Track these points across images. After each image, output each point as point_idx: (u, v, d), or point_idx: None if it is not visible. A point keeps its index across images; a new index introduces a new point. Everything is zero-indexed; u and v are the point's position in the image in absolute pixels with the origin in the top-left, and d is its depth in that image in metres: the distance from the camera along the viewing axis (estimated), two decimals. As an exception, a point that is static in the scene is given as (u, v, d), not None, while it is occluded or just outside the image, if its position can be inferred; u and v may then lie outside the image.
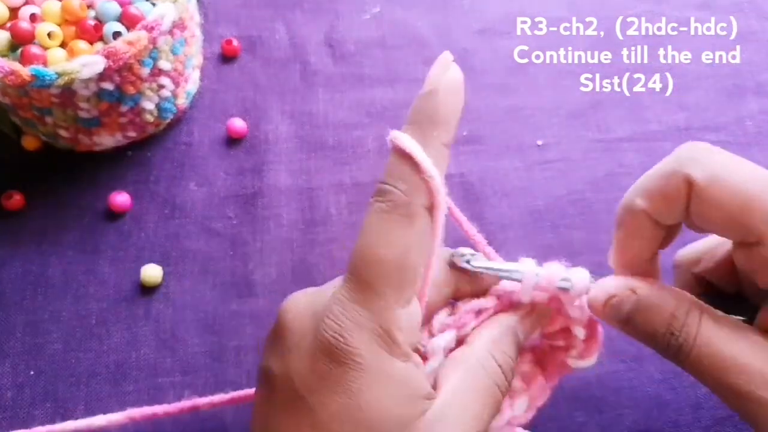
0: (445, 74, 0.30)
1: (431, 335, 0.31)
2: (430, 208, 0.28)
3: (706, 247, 0.34)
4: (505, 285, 0.33)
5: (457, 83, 0.29)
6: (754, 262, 0.27)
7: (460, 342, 0.32)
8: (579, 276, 0.31)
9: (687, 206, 0.28)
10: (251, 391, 0.37)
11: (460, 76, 0.29)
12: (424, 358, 0.30)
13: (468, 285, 0.33)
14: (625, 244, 0.30)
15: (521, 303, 0.33)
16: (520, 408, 0.33)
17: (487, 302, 0.33)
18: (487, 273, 0.33)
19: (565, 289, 0.31)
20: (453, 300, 0.33)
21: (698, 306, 0.28)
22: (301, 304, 0.29)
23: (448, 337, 0.31)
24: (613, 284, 0.29)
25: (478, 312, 0.33)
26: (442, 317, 0.32)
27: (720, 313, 0.28)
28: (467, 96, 0.53)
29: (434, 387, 0.29)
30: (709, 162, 0.27)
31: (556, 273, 0.31)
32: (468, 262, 0.33)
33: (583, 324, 0.33)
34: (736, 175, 0.26)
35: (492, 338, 0.31)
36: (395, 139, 0.28)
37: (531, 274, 0.32)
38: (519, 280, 0.32)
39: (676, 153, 0.28)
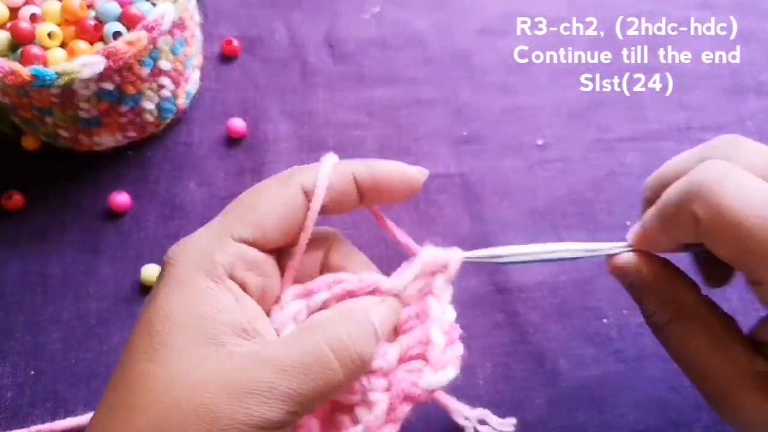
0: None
1: (282, 309, 0.31)
2: (309, 193, 0.31)
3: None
4: (375, 278, 0.33)
5: None
6: (764, 294, 0.28)
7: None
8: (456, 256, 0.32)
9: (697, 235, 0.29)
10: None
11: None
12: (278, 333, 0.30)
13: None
14: (644, 238, 0.33)
15: (384, 292, 0.32)
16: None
17: (347, 278, 0.32)
18: (480, 262, 0.33)
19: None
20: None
21: (689, 304, 0.30)
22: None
23: (295, 307, 0.31)
24: (629, 257, 0.32)
25: (333, 284, 0.32)
26: (291, 290, 0.32)
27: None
28: (467, 96, 0.53)
29: None
30: (714, 197, 0.27)
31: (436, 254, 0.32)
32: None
33: (444, 328, 0.32)
34: (740, 212, 0.26)
35: (353, 311, 0.31)
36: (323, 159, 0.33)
37: (429, 252, 0.32)
38: (504, 264, 0.32)
39: (689, 177, 0.29)
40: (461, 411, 0.34)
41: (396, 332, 0.32)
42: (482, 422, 0.36)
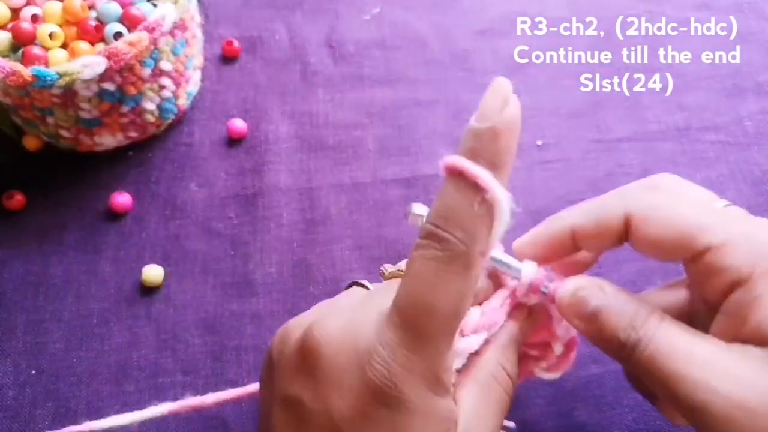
0: (506, 110, 0.27)
1: (462, 335, 0.30)
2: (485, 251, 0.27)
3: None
4: (510, 283, 0.32)
5: (518, 122, 0.27)
6: (700, 273, 0.28)
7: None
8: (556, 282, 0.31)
9: (620, 240, 0.30)
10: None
11: (520, 113, 0.27)
12: None
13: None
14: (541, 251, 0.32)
15: (521, 305, 0.32)
16: None
17: (499, 300, 0.32)
18: (495, 265, 0.32)
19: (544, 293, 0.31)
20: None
21: (659, 310, 0.28)
22: (336, 335, 0.27)
23: (478, 340, 0.30)
24: (583, 280, 0.29)
25: (504, 308, 0.32)
26: (474, 317, 0.31)
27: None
28: (467, 96, 0.53)
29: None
30: (647, 198, 0.29)
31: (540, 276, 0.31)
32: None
33: (563, 342, 0.33)
34: (670, 209, 0.28)
35: (500, 347, 0.31)
36: (455, 163, 0.26)
37: (531, 271, 0.31)
38: (517, 277, 0.31)
39: (610, 196, 0.31)
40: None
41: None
42: None
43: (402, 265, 0.35)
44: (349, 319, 0.28)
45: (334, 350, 0.27)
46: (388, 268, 0.35)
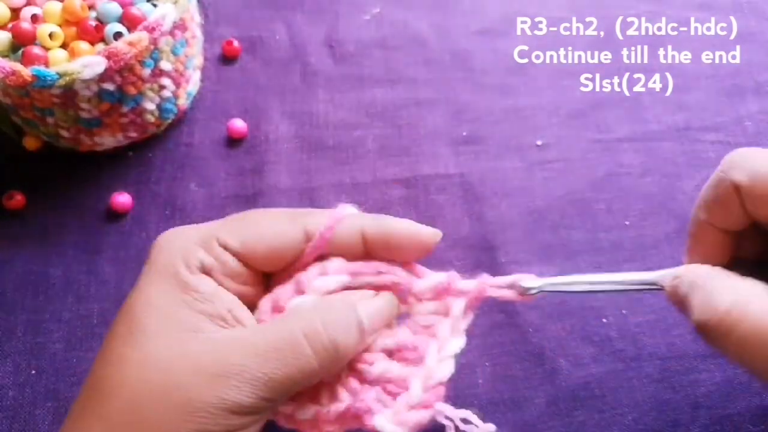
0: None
1: (324, 274, 0.32)
2: (309, 235, 0.32)
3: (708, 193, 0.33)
4: (442, 278, 0.33)
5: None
6: None
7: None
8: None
9: (743, 209, 0.29)
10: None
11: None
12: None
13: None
14: (695, 251, 0.32)
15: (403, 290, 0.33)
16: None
17: (395, 271, 0.33)
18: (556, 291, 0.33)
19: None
20: None
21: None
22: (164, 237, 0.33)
23: (334, 280, 0.31)
24: (681, 269, 0.31)
25: (379, 273, 0.32)
26: (339, 262, 0.32)
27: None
28: (467, 96, 0.53)
29: None
30: (748, 163, 0.29)
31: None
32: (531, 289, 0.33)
33: (427, 382, 0.31)
34: None
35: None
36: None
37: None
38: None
39: (721, 162, 0.30)
40: (443, 411, 0.33)
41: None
42: (466, 422, 0.36)
43: None
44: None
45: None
46: None
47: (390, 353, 0.32)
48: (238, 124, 0.51)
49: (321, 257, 0.32)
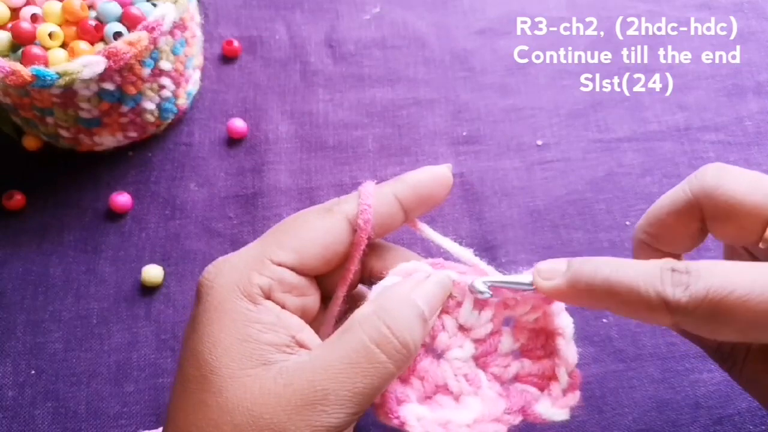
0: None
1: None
2: (354, 224, 0.32)
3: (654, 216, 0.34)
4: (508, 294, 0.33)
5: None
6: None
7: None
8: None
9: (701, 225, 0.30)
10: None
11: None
12: None
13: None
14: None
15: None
16: (468, 408, 0.32)
17: (452, 265, 0.33)
18: (501, 286, 0.33)
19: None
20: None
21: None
22: (215, 270, 0.33)
23: (392, 281, 0.32)
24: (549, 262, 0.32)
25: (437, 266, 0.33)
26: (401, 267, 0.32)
27: None
28: (467, 96, 0.53)
29: None
30: (713, 180, 0.30)
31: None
32: (482, 290, 0.32)
33: (569, 369, 0.32)
34: (738, 191, 0.29)
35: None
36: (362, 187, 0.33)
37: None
38: (527, 289, 0.32)
39: (688, 179, 0.31)
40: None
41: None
42: None
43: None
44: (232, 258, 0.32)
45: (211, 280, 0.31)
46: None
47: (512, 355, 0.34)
48: (238, 124, 0.50)
49: (369, 239, 0.32)
